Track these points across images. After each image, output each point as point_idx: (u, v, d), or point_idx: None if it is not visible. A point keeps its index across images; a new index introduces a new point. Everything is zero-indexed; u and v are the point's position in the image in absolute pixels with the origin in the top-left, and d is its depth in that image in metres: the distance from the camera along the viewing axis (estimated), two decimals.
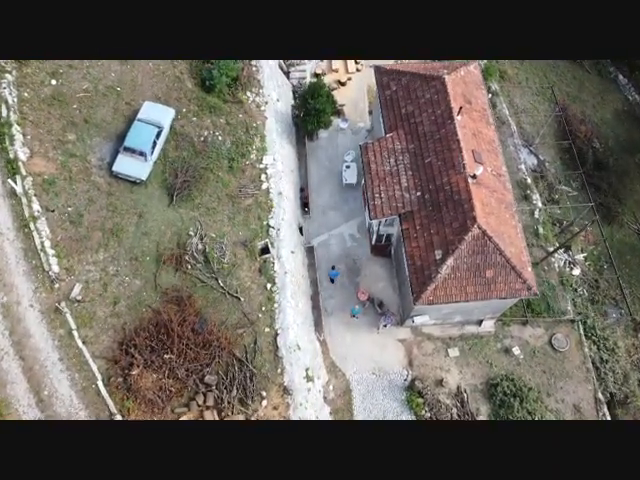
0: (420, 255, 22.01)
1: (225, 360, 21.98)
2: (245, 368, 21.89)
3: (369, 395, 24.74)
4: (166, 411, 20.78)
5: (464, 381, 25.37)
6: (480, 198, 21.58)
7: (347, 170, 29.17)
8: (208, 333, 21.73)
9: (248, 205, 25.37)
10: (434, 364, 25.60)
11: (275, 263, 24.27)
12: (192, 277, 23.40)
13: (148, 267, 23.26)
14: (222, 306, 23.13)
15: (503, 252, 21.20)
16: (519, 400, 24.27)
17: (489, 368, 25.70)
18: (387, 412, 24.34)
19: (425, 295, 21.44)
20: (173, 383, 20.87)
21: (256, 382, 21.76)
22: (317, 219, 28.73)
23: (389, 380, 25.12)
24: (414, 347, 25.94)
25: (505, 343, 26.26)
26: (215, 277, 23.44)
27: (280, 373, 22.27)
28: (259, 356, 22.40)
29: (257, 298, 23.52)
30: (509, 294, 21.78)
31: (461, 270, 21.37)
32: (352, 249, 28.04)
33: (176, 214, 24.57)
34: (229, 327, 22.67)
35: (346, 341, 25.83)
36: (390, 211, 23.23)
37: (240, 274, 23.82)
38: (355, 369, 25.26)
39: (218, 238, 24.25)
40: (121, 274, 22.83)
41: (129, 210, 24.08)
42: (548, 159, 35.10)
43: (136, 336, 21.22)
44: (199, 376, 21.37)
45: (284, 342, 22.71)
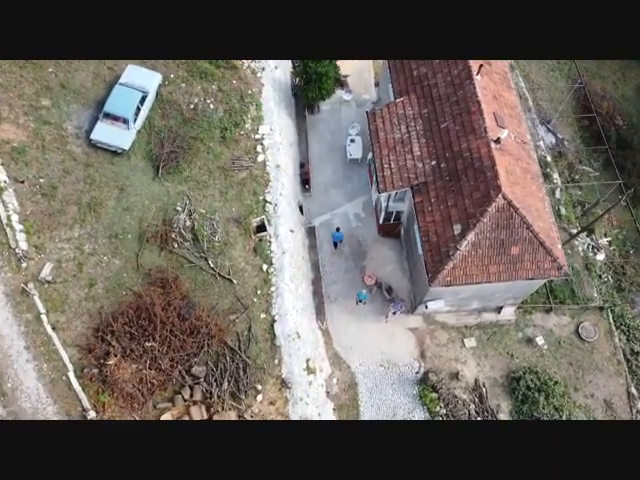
0: (436, 231, 19.47)
1: (215, 349, 19.45)
2: (238, 358, 19.35)
3: (377, 390, 22.18)
4: (147, 406, 18.27)
5: (482, 374, 22.83)
6: (504, 166, 19.04)
7: (351, 144, 26.63)
8: (196, 319, 19.19)
9: (242, 179, 22.84)
10: (449, 355, 23.05)
11: (272, 242, 21.74)
12: (179, 257, 20.90)
13: (129, 246, 20.76)
14: (212, 289, 20.61)
15: (531, 226, 18.66)
16: (544, 395, 21.73)
17: (510, 360, 23.15)
18: (397, 408, 21.78)
19: (442, 275, 18.90)
20: (155, 375, 18.33)
21: (250, 374, 19.23)
22: (319, 198, 26.18)
23: (399, 373, 22.57)
24: (426, 337, 23.40)
25: (527, 332, 23.72)
26: (205, 257, 20.92)
27: (277, 364, 19.72)
28: (254, 345, 19.86)
29: (252, 281, 20.99)
30: (537, 274, 19.23)
31: (483, 247, 18.83)
32: (357, 230, 25.50)
33: (162, 188, 22.05)
34: (220, 313, 20.16)
35: (351, 330, 23.29)
36: (401, 183, 20.68)
37: (233, 254, 21.29)
38: (361, 361, 22.71)
39: (208, 214, 21.73)
40: (99, 253, 20.32)
41: (109, 183, 21.58)
42: (567, 137, 32.59)
43: (114, 321, 18.70)
44: (185, 367, 18.84)
45: (282, 330, 20.17)
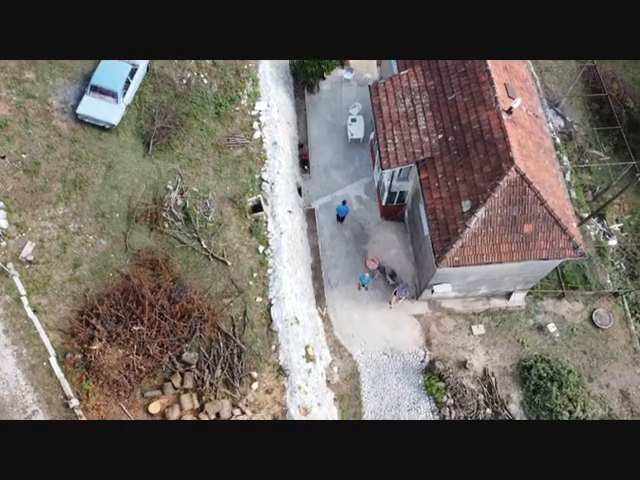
0: (443, 208, 18.25)
1: (208, 335, 18.24)
2: (232, 344, 18.14)
3: (380, 379, 20.96)
4: (134, 395, 17.05)
5: (491, 363, 21.61)
6: (516, 138, 17.83)
7: (353, 124, 25.40)
8: (187, 302, 17.97)
9: (237, 156, 21.61)
10: (456, 343, 21.84)
11: (269, 223, 20.52)
12: (170, 237, 19.68)
13: (117, 225, 19.54)
14: (205, 271, 19.39)
15: (545, 202, 17.45)
16: (557, 385, 20.49)
17: (520, 348, 21.94)
18: (402, 398, 20.56)
19: (450, 255, 17.68)
20: (143, 361, 17.11)
21: (245, 361, 18.01)
22: (318, 180, 24.96)
23: (403, 362, 21.35)
24: (432, 324, 22.17)
25: (538, 319, 22.50)
26: (197, 238, 19.70)
27: (274, 350, 18.50)
28: (249, 330, 18.64)
29: (247, 262, 19.77)
30: (551, 254, 18.01)
31: (494, 224, 17.61)
32: (359, 213, 24.28)
33: (152, 165, 20.84)
34: (213, 296, 18.94)
35: (353, 317, 22.07)
36: (406, 158, 19.46)
37: (227, 235, 20.08)
38: (363, 349, 21.50)
39: (201, 193, 20.51)
40: (84, 232, 19.11)
41: (96, 160, 20.37)
42: (576, 121, 31.37)
43: (99, 304, 17.47)
44: (176, 353, 17.62)
45: (279, 314, 18.95)
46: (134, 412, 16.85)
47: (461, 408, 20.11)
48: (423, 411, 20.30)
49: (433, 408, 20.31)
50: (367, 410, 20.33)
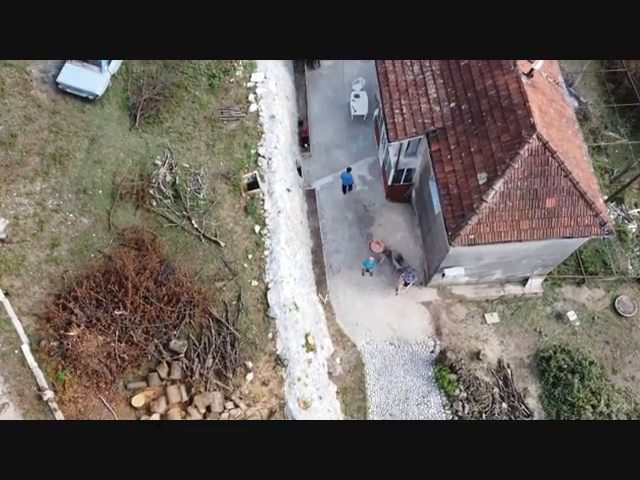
0: (457, 181, 16.63)
1: (198, 321, 16.62)
2: (225, 331, 16.52)
3: (386, 371, 19.33)
4: (116, 386, 15.43)
5: (506, 354, 19.98)
6: (537, 104, 16.20)
7: (356, 100, 23.79)
8: (175, 284, 16.36)
9: (232, 130, 19.98)
10: (468, 333, 20.21)
11: (265, 200, 18.89)
12: (157, 216, 18.08)
13: (100, 202, 17.93)
14: (196, 253, 17.77)
15: (570, 174, 15.82)
16: (579, 377, 18.86)
17: (537, 338, 20.31)
18: (410, 392, 18.92)
19: (464, 232, 16.05)
20: (126, 349, 15.50)
21: (239, 349, 16.38)
22: (319, 159, 23.36)
23: (411, 352, 19.72)
24: (442, 312, 20.54)
25: (556, 307, 20.87)
26: (187, 216, 18.09)
27: (272, 338, 16.87)
28: (244, 316, 17.02)
29: (242, 243, 18.15)
30: (576, 232, 16.38)
31: (513, 198, 15.99)
32: (363, 194, 22.69)
33: (139, 140, 19.23)
34: (205, 279, 17.33)
35: (356, 304, 20.45)
36: (415, 130, 17.83)
37: (220, 213, 18.46)
38: (368, 339, 19.88)
39: (192, 169, 18.89)
40: (64, 210, 17.49)
41: (78, 133, 18.75)
42: (591, 101, 29.76)
43: (78, 287, 15.84)
44: (162, 340, 16.01)
45: (277, 299, 17.32)
46: (116, 405, 15.24)
47: (475, 402, 18.48)
48: (433, 405, 18.67)
49: (444, 402, 18.68)
50: (372, 404, 18.71)
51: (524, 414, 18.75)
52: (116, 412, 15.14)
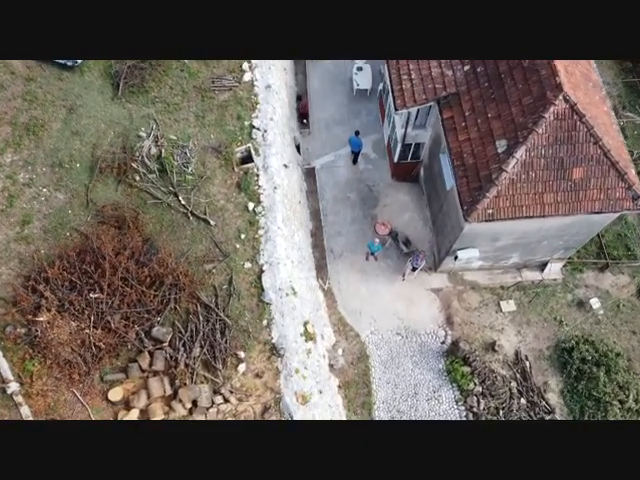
0: (472, 151, 14.94)
1: (184, 306, 14.94)
2: (214, 318, 14.83)
3: (393, 363, 17.66)
4: (92, 378, 13.73)
5: (524, 345, 18.31)
6: (563, 63, 14.51)
7: (359, 73, 22.14)
8: (158, 264, 14.67)
9: (224, 101, 18.28)
10: (482, 322, 18.54)
11: (260, 176, 17.20)
12: (141, 192, 16.39)
13: (78, 177, 16.26)
14: (183, 232, 16.10)
15: (600, 140, 14.13)
16: (604, 369, 17.19)
17: (558, 327, 18.63)
18: (419, 386, 17.25)
19: (482, 206, 14.37)
20: (103, 336, 13.81)
21: (230, 338, 14.70)
22: (319, 136, 21.71)
23: (420, 343, 18.05)
24: (453, 299, 18.87)
25: (578, 294, 19.18)
26: (174, 192, 16.42)
27: (266, 326, 15.18)
28: (235, 302, 15.33)
29: (234, 222, 16.47)
30: (606, 206, 14.71)
31: (536, 168, 14.30)
32: (366, 173, 21.04)
33: (122, 110, 17.54)
34: (192, 261, 15.64)
35: (360, 291, 18.80)
36: (425, 96, 16.14)
37: (210, 189, 16.78)
38: (373, 328, 18.23)
39: (181, 141, 17.20)
40: (37, 184, 15.83)
41: (55, 102, 17.07)
42: (608, 80, 28.06)
43: (49, 267, 14.15)
44: (144, 327, 14.33)
45: (272, 282, 15.63)
46: (90, 400, 13.55)
47: (491, 397, 16.79)
48: (445, 401, 16.99)
49: (457, 397, 17.00)
50: (378, 400, 17.04)
51: (545, 410, 17.06)
52: (90, 407, 13.45)
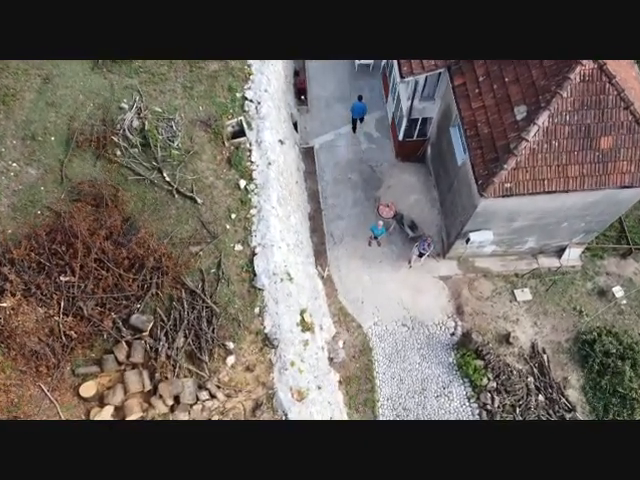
0: (488, 119, 13.44)
1: (168, 292, 13.47)
2: (200, 305, 13.35)
3: (398, 357, 16.18)
4: (62, 372, 12.25)
5: (541, 337, 16.81)
6: None
7: None
8: (138, 245, 13.19)
9: (214, 71, 16.80)
10: (495, 312, 17.05)
11: (253, 151, 15.72)
12: (122, 167, 14.93)
13: (52, 151, 14.80)
14: (167, 211, 14.62)
15: (632, 105, 12.63)
16: (630, 363, 15.71)
17: (578, 318, 17.13)
18: (427, 381, 15.76)
19: (499, 179, 12.87)
20: (74, 324, 12.34)
21: (218, 327, 13.22)
22: (318, 114, 20.23)
23: (428, 335, 16.57)
24: (464, 288, 17.38)
25: (599, 282, 17.69)
26: (158, 168, 14.96)
27: (258, 314, 13.69)
28: (224, 287, 13.85)
29: (224, 201, 14.99)
30: (637, 180, 13.19)
31: (560, 136, 12.81)
32: (369, 153, 19.56)
33: (103, 80, 16.07)
34: (177, 243, 14.18)
35: (362, 279, 17.33)
36: (434, 62, 14.64)
37: (198, 165, 15.30)
38: (376, 319, 16.76)
39: (166, 114, 15.72)
40: (5, 158, 14.37)
41: (29, 71, 15.62)
42: None
43: (15, 248, 12.68)
44: (121, 315, 12.86)
45: (265, 266, 14.15)
46: (59, 395, 12.08)
47: (507, 393, 15.30)
48: (456, 397, 15.51)
49: (469, 394, 15.51)
50: (382, 396, 15.56)
51: (565, 408, 15.57)
52: (60, 404, 11.98)
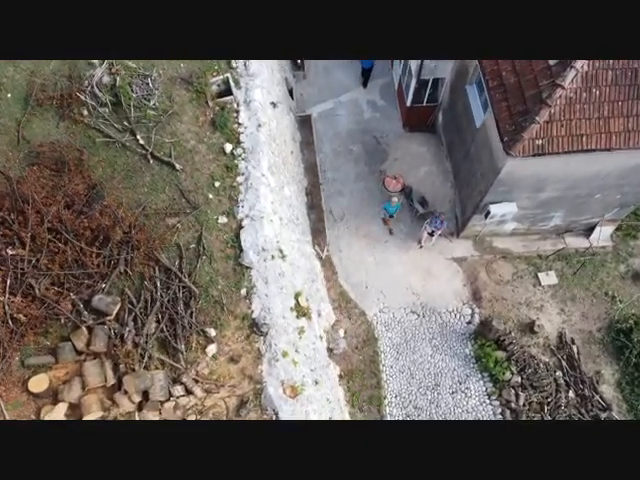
0: (514, 67, 11.45)
1: (138, 270, 11.48)
2: (176, 285, 11.37)
3: (407, 348, 14.19)
4: (7, 362, 10.27)
5: (569, 325, 14.83)
6: None
7: None
8: (102, 214, 11.23)
9: None
10: (516, 298, 15.07)
11: (241, 111, 13.73)
12: (89, 129, 12.98)
13: (8, 109, 12.89)
14: (141, 178, 12.65)
15: None
16: None
17: (610, 304, 15.16)
18: (441, 375, 13.78)
19: (529, 134, 10.89)
20: (24, 306, 10.37)
21: (197, 311, 11.24)
22: (317, 81, 18.27)
23: (441, 323, 14.60)
24: (481, 271, 15.40)
25: (632, 264, 15.71)
26: (131, 130, 12.99)
27: (245, 296, 11.70)
28: (206, 265, 11.87)
29: (206, 167, 13.01)
30: None
31: (602, 83, 10.82)
32: (373, 122, 17.60)
33: None
34: (151, 214, 12.21)
35: (366, 261, 15.36)
36: None
37: (178, 127, 13.32)
38: (382, 305, 14.79)
39: (142, 70, 13.72)
40: None
41: None
42: None
43: None
44: (82, 296, 10.88)
45: (253, 241, 12.16)
46: (5, 391, 10.11)
47: (533, 390, 13.32)
48: (475, 394, 13.52)
49: (490, 390, 13.52)
50: (389, 393, 13.58)
51: (599, 407, 13.59)
52: (5, 401, 10.01)
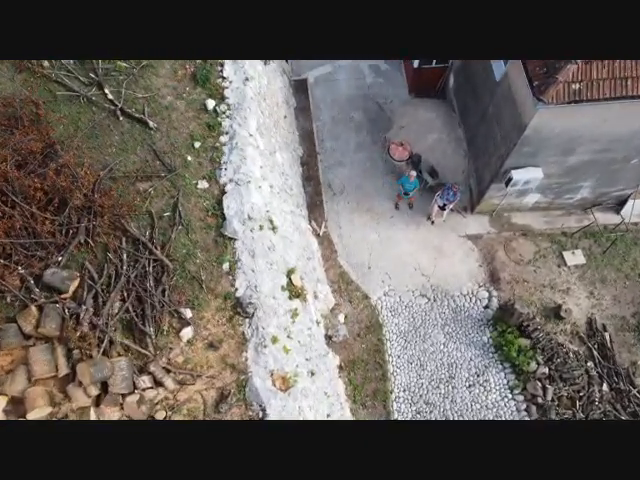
0: None
1: (102, 241, 9.73)
2: (146, 258, 9.63)
3: (417, 335, 12.46)
4: None
5: (599, 310, 13.11)
6: None
7: None
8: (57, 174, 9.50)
9: None
10: (539, 280, 13.35)
11: (225, 64, 12.02)
12: (50, 82, 11.27)
13: None
14: (108, 137, 10.94)
15: None
16: None
17: None
18: (455, 366, 12.05)
19: (564, 77, 9.13)
20: None
21: (170, 288, 9.51)
22: None
23: (454, 308, 12.87)
24: (499, 249, 13.68)
25: None
26: (99, 82, 11.28)
27: (228, 272, 9.97)
28: (182, 236, 10.15)
29: (185, 125, 11.29)
30: None
31: None
32: (376, 88, 15.89)
33: None
34: (119, 177, 10.49)
35: (369, 238, 13.64)
36: None
37: (153, 82, 11.62)
38: (387, 288, 13.07)
39: None
40: None
41: None
42: None
43: None
44: (33, 269, 9.14)
45: (239, 208, 10.44)
46: None
47: (563, 382, 11.57)
48: (495, 388, 11.79)
49: (512, 382, 11.78)
50: (397, 387, 11.85)
51: (637, 402, 11.84)
52: None
